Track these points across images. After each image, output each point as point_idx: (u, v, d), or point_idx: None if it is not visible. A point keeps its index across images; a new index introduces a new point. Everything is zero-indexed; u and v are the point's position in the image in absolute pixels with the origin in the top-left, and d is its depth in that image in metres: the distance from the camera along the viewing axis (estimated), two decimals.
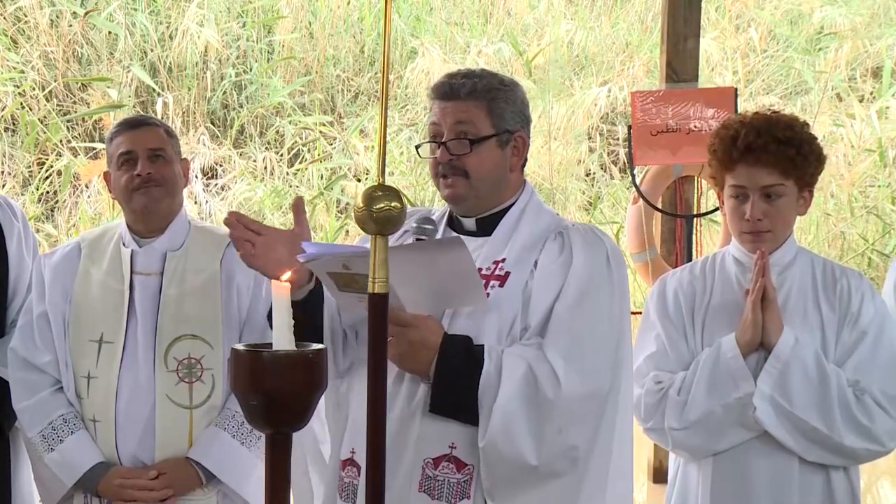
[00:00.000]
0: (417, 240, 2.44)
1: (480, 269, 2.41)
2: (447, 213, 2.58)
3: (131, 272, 2.98)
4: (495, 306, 2.38)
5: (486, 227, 2.49)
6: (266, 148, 10.23)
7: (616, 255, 2.48)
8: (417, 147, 2.55)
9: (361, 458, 2.43)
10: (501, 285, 2.40)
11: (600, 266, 2.43)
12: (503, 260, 2.44)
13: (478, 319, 2.37)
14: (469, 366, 2.31)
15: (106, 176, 3.09)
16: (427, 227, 2.46)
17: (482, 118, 2.44)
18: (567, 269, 2.40)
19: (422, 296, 2.31)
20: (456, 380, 2.31)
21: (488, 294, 2.38)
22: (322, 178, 9.95)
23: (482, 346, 2.34)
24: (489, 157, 2.45)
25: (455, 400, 2.32)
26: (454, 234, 2.53)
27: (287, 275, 1.73)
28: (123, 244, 3.03)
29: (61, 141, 9.57)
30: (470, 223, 2.52)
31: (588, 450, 2.34)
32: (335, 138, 10.28)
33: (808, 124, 2.87)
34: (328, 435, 2.62)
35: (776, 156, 2.75)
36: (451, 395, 2.32)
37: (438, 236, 2.53)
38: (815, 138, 2.84)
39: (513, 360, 2.32)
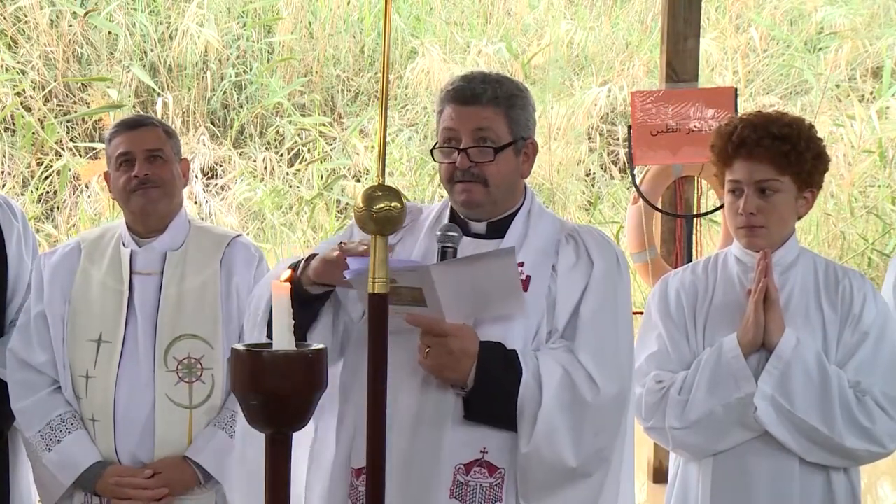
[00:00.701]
0: (443, 247, 2.42)
1: None
2: (449, 213, 2.57)
3: (131, 272, 2.98)
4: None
5: (496, 230, 2.49)
6: (266, 148, 10.22)
7: (623, 258, 2.52)
8: (432, 150, 2.52)
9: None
10: (524, 290, 2.40)
11: (614, 269, 2.46)
12: (521, 264, 2.43)
13: (504, 324, 2.37)
14: (508, 373, 2.31)
15: (106, 176, 3.09)
16: (453, 234, 2.43)
17: (501, 125, 2.43)
18: (588, 273, 2.42)
19: (461, 305, 2.31)
20: (496, 388, 2.31)
21: None
22: (322, 178, 9.94)
23: (515, 351, 2.34)
24: (507, 164, 2.44)
25: (493, 407, 2.33)
26: (464, 236, 2.52)
27: (286, 274, 1.73)
28: (123, 244, 3.03)
29: (60, 141, 9.57)
30: (479, 226, 2.51)
31: (612, 450, 2.38)
32: (335, 138, 10.28)
33: (812, 126, 2.87)
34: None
35: (770, 150, 2.76)
36: (490, 402, 2.33)
37: (421, 234, 2.53)
38: (816, 138, 2.84)
39: (548, 365, 2.33)
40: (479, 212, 2.48)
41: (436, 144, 2.50)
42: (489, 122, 2.41)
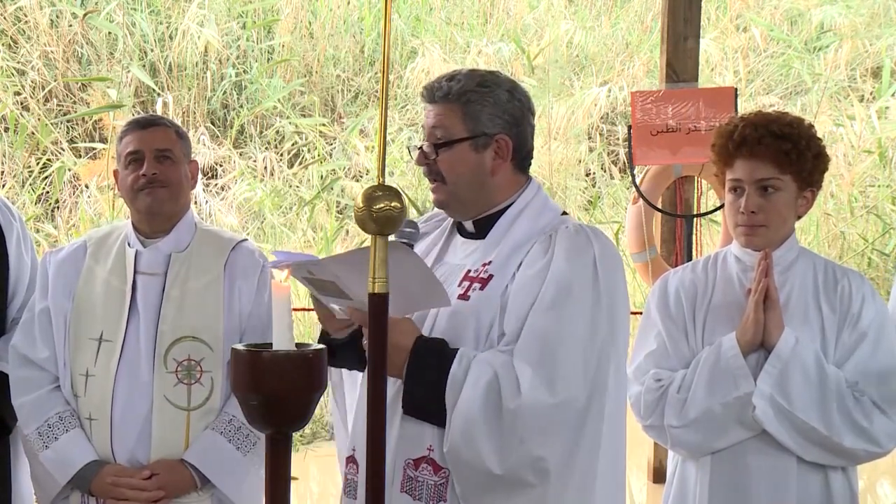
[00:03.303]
0: (401, 244, 2.44)
1: (469, 271, 2.41)
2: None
3: (135, 272, 2.98)
4: (473, 310, 2.36)
5: (483, 228, 2.49)
6: (266, 148, 10.23)
7: (605, 260, 2.38)
8: (410, 151, 2.57)
9: (360, 457, 2.45)
10: (482, 288, 2.38)
11: (583, 271, 2.35)
12: (489, 263, 2.42)
13: (457, 323, 2.37)
14: (439, 369, 2.30)
15: (115, 174, 3.10)
16: (407, 230, 2.44)
17: (456, 121, 2.42)
18: (545, 276, 2.34)
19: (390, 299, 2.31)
20: (425, 383, 2.31)
21: (468, 297, 2.38)
22: (322, 178, 9.94)
23: (456, 350, 2.33)
24: (462, 160, 2.42)
25: (425, 403, 2.33)
26: (458, 236, 2.53)
27: (285, 273, 1.74)
28: (128, 244, 3.03)
29: (57, 141, 9.57)
30: (470, 225, 2.52)
31: (561, 462, 2.27)
32: (335, 138, 10.28)
33: (812, 126, 2.87)
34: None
35: (771, 149, 2.77)
36: (421, 397, 2.33)
37: (430, 237, 2.55)
38: (816, 137, 2.85)
39: (481, 366, 2.29)
40: (452, 211, 2.49)
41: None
42: (441, 118, 2.43)
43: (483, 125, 2.42)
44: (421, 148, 2.45)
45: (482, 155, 2.43)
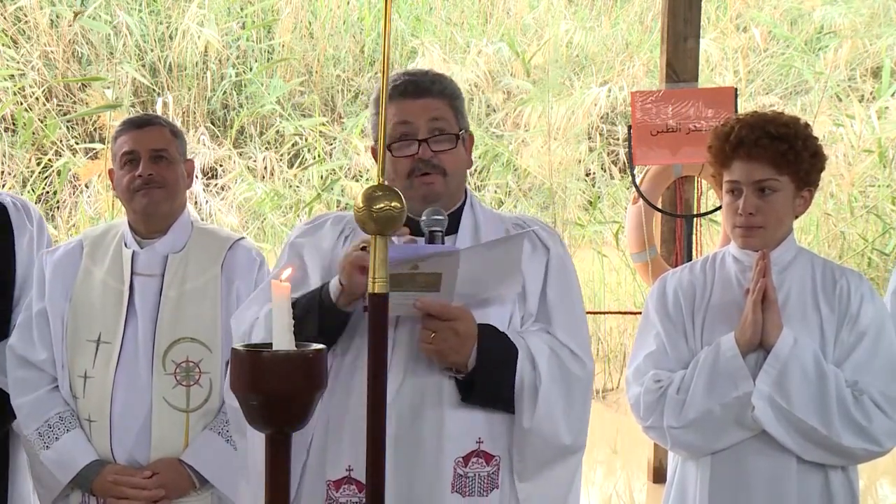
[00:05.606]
0: (431, 231, 2.41)
1: None
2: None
3: (132, 273, 2.97)
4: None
5: (448, 225, 2.50)
6: (266, 148, 10.23)
7: (564, 242, 2.64)
8: (389, 147, 2.44)
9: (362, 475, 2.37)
10: None
11: (564, 253, 2.56)
12: None
13: (480, 313, 2.39)
14: (505, 353, 2.36)
15: (110, 173, 3.08)
16: (439, 217, 2.42)
17: (451, 116, 2.49)
18: (546, 258, 2.50)
19: (467, 288, 2.33)
20: (496, 367, 2.35)
21: None
22: (322, 178, 9.95)
23: (504, 333, 2.39)
24: (460, 154, 2.51)
25: (494, 387, 2.36)
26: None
27: (287, 273, 1.73)
28: (125, 244, 3.02)
29: (60, 141, 9.57)
30: None
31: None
32: (335, 138, 10.28)
33: (808, 125, 2.87)
34: None
35: (768, 150, 2.77)
36: (492, 382, 2.35)
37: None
38: (813, 137, 2.85)
39: (536, 344, 2.39)
40: (437, 206, 2.47)
41: (388, 145, 2.43)
42: (441, 112, 2.47)
43: (464, 121, 2.54)
44: (423, 141, 2.43)
45: (465, 149, 2.54)
